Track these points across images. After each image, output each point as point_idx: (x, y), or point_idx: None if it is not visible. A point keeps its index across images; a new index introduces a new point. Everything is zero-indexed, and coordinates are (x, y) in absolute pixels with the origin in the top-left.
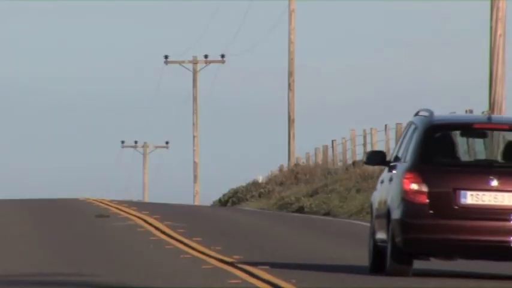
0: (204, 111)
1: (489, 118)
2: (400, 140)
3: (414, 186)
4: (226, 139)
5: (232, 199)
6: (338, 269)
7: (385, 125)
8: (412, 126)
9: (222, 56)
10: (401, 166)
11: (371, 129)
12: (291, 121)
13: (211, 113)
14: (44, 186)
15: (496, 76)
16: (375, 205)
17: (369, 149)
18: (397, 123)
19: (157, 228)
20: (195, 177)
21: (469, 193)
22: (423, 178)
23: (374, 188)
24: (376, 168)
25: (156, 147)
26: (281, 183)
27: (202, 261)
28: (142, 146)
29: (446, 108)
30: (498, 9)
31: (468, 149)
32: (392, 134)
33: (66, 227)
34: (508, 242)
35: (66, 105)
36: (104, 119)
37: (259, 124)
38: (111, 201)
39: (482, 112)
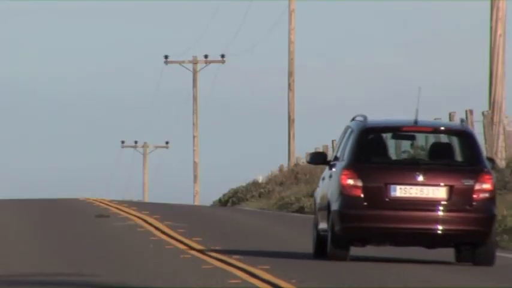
0: (204, 111)
1: (415, 122)
2: (339, 142)
3: (350, 182)
4: (226, 139)
5: (232, 199)
6: (338, 269)
7: None
8: (349, 130)
9: (222, 56)
10: (340, 164)
11: None
12: (291, 121)
13: (211, 113)
14: (44, 186)
15: (496, 76)
16: (318, 200)
17: None
18: None
19: (157, 228)
20: (195, 177)
21: (398, 187)
22: (358, 174)
23: None
24: None
25: (156, 147)
26: (281, 183)
27: (202, 261)
28: (142, 146)
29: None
30: (498, 9)
31: (396, 149)
32: None
33: (66, 227)
34: (434, 229)
35: (66, 105)
36: (104, 119)
37: (259, 124)
38: (111, 201)
39: (483, 112)
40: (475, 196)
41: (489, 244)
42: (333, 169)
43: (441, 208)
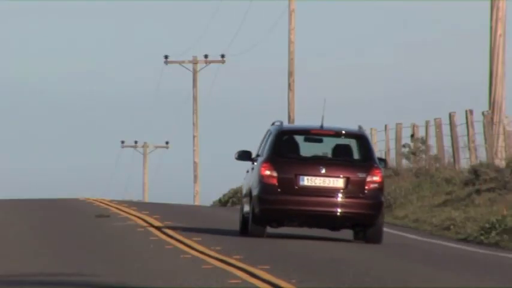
0: (204, 111)
1: (321, 126)
2: (261, 142)
3: (268, 172)
4: (226, 139)
5: (232, 199)
6: (338, 269)
7: (385, 125)
8: (269, 133)
9: (222, 56)
10: (260, 159)
11: (371, 129)
12: (291, 121)
13: (211, 113)
14: (44, 186)
15: (496, 76)
16: (243, 189)
17: None
18: (397, 123)
19: (157, 228)
20: (195, 177)
21: (305, 177)
22: (274, 167)
23: None
24: None
25: (156, 147)
26: None
27: (202, 261)
28: (142, 146)
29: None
30: (498, 9)
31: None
32: (392, 134)
33: (66, 227)
34: (334, 212)
35: (66, 105)
36: (104, 119)
37: (259, 124)
38: (111, 201)
39: (483, 112)
40: (366, 186)
41: (378, 225)
42: (255, 163)
43: (340, 195)
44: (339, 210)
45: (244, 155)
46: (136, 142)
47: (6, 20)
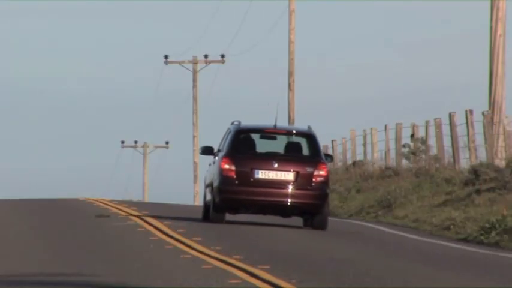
0: (204, 111)
1: (274, 126)
2: (222, 139)
3: (227, 166)
4: None
5: None
6: (338, 269)
7: (385, 125)
8: (228, 131)
9: (222, 56)
10: (220, 154)
11: (371, 129)
12: (291, 121)
13: (211, 113)
14: (44, 186)
15: (496, 76)
16: (206, 180)
17: (369, 149)
18: (397, 123)
19: (157, 228)
20: (195, 177)
21: (260, 171)
22: (232, 161)
23: (374, 187)
24: (376, 168)
25: (156, 147)
26: None
27: (202, 261)
28: (143, 146)
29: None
30: (498, 9)
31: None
32: (392, 134)
33: (66, 227)
34: (285, 201)
35: (66, 105)
36: (104, 119)
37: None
38: (111, 201)
39: (483, 112)
40: (313, 179)
41: (323, 213)
42: (216, 158)
43: (290, 187)
44: (289, 200)
45: (207, 150)
46: (136, 142)
47: (6, 20)
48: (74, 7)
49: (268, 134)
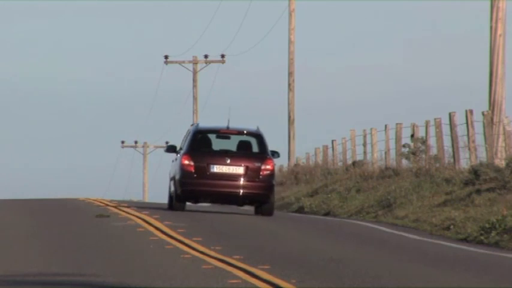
0: (204, 111)
1: (227, 127)
2: (183, 139)
3: (187, 162)
4: None
5: None
6: (338, 269)
7: (385, 125)
8: (188, 132)
9: (222, 56)
10: (182, 152)
11: (371, 129)
12: (291, 121)
13: (211, 113)
14: (44, 186)
15: (496, 76)
16: (170, 174)
17: (369, 149)
18: (397, 123)
19: (157, 228)
20: None
21: (215, 166)
22: (192, 158)
23: (374, 187)
24: (376, 168)
25: (156, 147)
26: (281, 183)
27: (202, 261)
28: (143, 146)
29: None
30: (498, 9)
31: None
32: (392, 134)
33: (66, 227)
34: (237, 192)
35: (66, 105)
36: (104, 119)
37: (259, 124)
38: (111, 201)
39: (482, 112)
40: (261, 173)
41: (270, 202)
42: (178, 155)
43: (241, 179)
44: (241, 191)
45: (170, 149)
46: (136, 142)
47: (6, 20)
48: (74, 7)
49: (222, 134)
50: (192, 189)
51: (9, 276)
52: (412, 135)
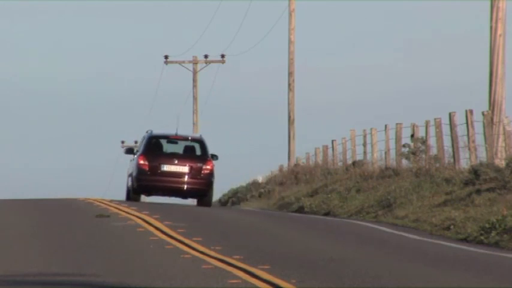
0: (204, 111)
1: (176, 134)
2: (139, 143)
3: (142, 162)
4: (226, 139)
5: (232, 199)
6: (338, 269)
7: (385, 125)
8: (144, 137)
9: (222, 56)
10: (138, 153)
11: (371, 129)
12: (291, 121)
13: (211, 113)
14: (44, 186)
15: (496, 76)
16: (128, 171)
17: (369, 149)
18: (397, 123)
19: (157, 228)
20: None
21: (165, 165)
22: (146, 158)
23: (374, 187)
24: (376, 168)
25: None
26: (281, 183)
27: (202, 261)
28: None
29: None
30: (498, 9)
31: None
32: (392, 134)
33: (66, 227)
34: (182, 187)
35: (66, 105)
36: (104, 119)
37: (259, 124)
38: (111, 201)
39: (482, 112)
40: (202, 172)
41: (209, 196)
42: (135, 156)
43: (186, 177)
44: (185, 186)
45: (129, 151)
46: (136, 142)
47: (6, 20)
48: (73, 7)
49: (171, 139)
50: (146, 184)
51: (9, 276)
52: (412, 135)
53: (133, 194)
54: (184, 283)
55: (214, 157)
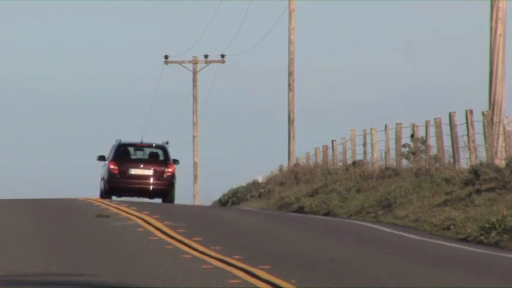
0: (204, 111)
1: (141, 141)
2: (109, 151)
3: (112, 166)
4: (226, 139)
5: (232, 199)
6: (338, 269)
7: (385, 125)
8: (113, 145)
9: (222, 56)
10: (109, 159)
11: (371, 129)
12: (291, 121)
13: (211, 113)
14: (44, 186)
15: (496, 76)
16: (100, 175)
17: (369, 149)
18: (397, 123)
19: (157, 228)
20: (195, 177)
21: (133, 169)
22: (116, 163)
23: (374, 187)
24: (376, 168)
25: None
26: (281, 183)
27: (202, 261)
28: None
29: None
30: (498, 9)
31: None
32: (392, 134)
33: (66, 227)
34: (148, 188)
35: (66, 105)
36: (104, 119)
37: (259, 124)
38: (111, 201)
39: (482, 112)
40: (164, 174)
41: (171, 195)
42: (106, 162)
43: (151, 179)
44: (151, 187)
45: (101, 158)
46: None
47: (6, 20)
48: (73, 7)
49: (137, 146)
50: (116, 186)
51: (9, 276)
52: (412, 135)
53: (105, 195)
54: (184, 283)
55: (176, 161)
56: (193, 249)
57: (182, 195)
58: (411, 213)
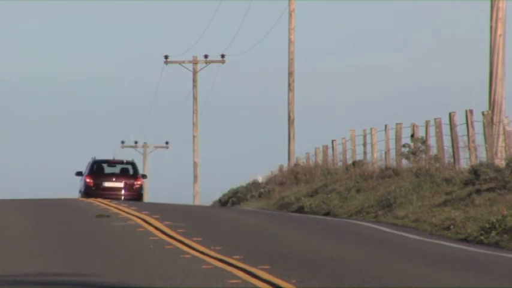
0: (204, 111)
1: (113, 158)
2: (86, 167)
3: (88, 180)
4: (226, 139)
5: (232, 199)
6: (338, 269)
7: (385, 125)
8: (89, 162)
9: (222, 56)
10: (85, 174)
11: (371, 129)
12: (291, 121)
13: (211, 113)
14: (44, 186)
15: (496, 76)
16: (78, 188)
17: (369, 149)
18: (397, 123)
19: (157, 228)
20: (195, 177)
21: (106, 182)
22: (91, 177)
23: (374, 187)
24: (376, 168)
25: (156, 147)
26: (281, 183)
27: (202, 261)
28: (143, 146)
29: (446, 108)
30: (498, 9)
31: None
32: (392, 134)
33: (66, 227)
34: (119, 198)
35: (66, 105)
36: (104, 119)
37: (259, 124)
38: (111, 201)
39: (482, 112)
40: (134, 186)
41: (141, 201)
42: (83, 176)
43: (122, 191)
44: (122, 197)
45: (79, 174)
46: (136, 142)
47: (6, 20)
48: (73, 7)
49: (110, 163)
50: (92, 197)
51: (9, 276)
52: (412, 135)
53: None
54: (184, 283)
55: (144, 176)
56: (193, 249)
57: (182, 195)
58: (411, 213)
